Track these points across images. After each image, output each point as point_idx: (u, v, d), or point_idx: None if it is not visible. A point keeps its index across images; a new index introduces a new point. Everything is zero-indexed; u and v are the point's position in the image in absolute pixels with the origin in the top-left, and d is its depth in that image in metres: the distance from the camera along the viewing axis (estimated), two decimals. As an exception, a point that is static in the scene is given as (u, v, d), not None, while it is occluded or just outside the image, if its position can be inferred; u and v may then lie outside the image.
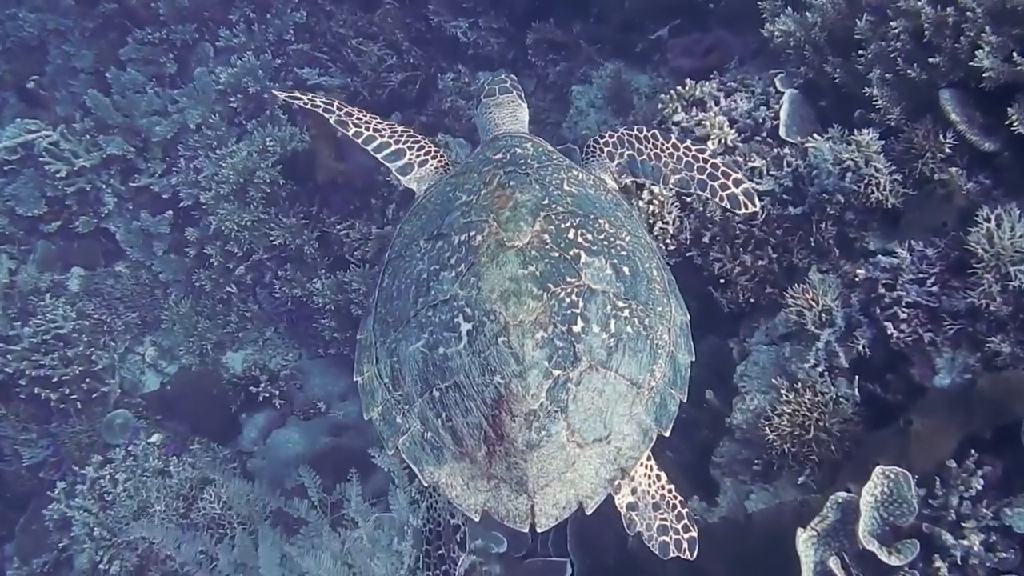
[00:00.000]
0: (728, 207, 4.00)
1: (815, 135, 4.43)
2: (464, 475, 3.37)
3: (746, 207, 3.98)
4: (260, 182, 7.41)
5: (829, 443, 3.96)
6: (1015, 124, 3.93)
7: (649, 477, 3.70)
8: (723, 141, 4.63)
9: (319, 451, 6.81)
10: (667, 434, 3.48)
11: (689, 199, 4.65)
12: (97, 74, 8.96)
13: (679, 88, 4.90)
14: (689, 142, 4.09)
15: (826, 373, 4.06)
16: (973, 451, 3.51)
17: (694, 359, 3.63)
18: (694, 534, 3.68)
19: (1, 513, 7.70)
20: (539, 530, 3.30)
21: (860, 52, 4.51)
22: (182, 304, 7.81)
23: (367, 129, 4.38)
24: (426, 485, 3.49)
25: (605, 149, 4.22)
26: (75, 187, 8.07)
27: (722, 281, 4.53)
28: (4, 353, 7.50)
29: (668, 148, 4.11)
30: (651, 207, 4.61)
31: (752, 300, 4.51)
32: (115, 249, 8.24)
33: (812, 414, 3.95)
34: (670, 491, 3.74)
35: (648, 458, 3.67)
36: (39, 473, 7.56)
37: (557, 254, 3.37)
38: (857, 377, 4.02)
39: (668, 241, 4.60)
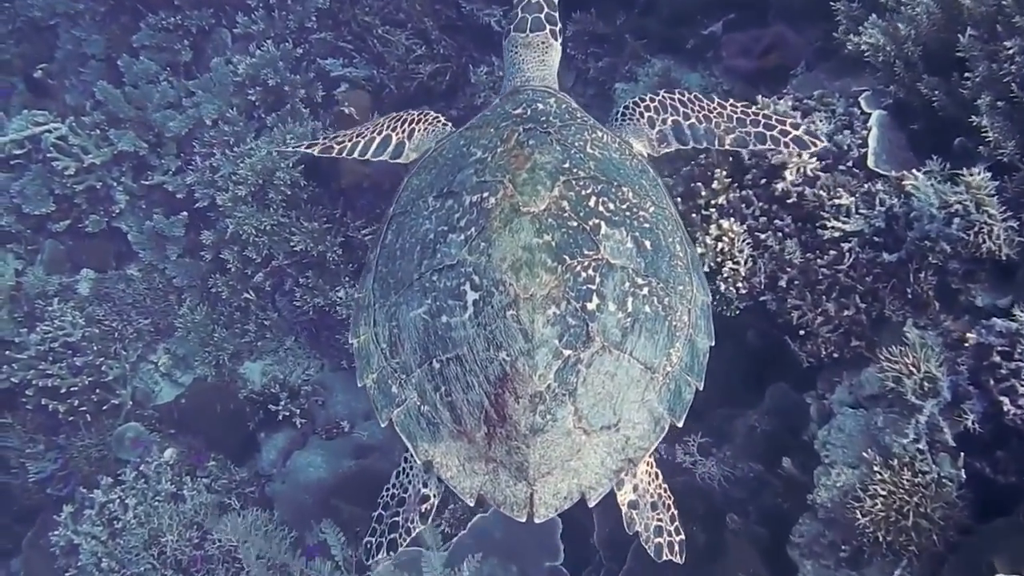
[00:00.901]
0: (797, 151, 3.91)
1: (913, 171, 3.88)
2: (461, 455, 3.24)
3: (814, 144, 3.90)
4: (280, 183, 6.92)
5: (930, 531, 3.45)
6: None
7: (649, 475, 3.55)
8: (802, 170, 4.10)
9: (343, 475, 6.40)
10: (680, 424, 3.35)
11: (763, 236, 4.13)
12: (109, 61, 8.45)
13: (751, 107, 4.34)
14: (731, 100, 3.94)
15: (927, 449, 3.55)
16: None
17: (713, 343, 3.49)
18: (683, 538, 3.58)
19: (7, 526, 7.30)
20: (536, 520, 3.15)
21: (965, 74, 3.96)
22: (197, 311, 7.35)
23: (349, 140, 4.29)
24: (420, 463, 3.34)
25: (646, 114, 4.01)
26: (84, 184, 7.59)
27: (801, 333, 4.01)
28: (10, 361, 7.08)
29: (716, 108, 3.95)
30: (720, 244, 4.10)
31: (836, 355, 4.00)
32: (127, 250, 7.78)
33: (911, 497, 3.45)
34: (665, 490, 3.61)
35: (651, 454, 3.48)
36: (46, 488, 7.16)
37: (576, 223, 3.22)
38: (963, 455, 3.51)
39: (739, 284, 4.09)
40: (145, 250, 7.56)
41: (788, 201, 4.11)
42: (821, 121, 4.31)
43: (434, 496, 3.55)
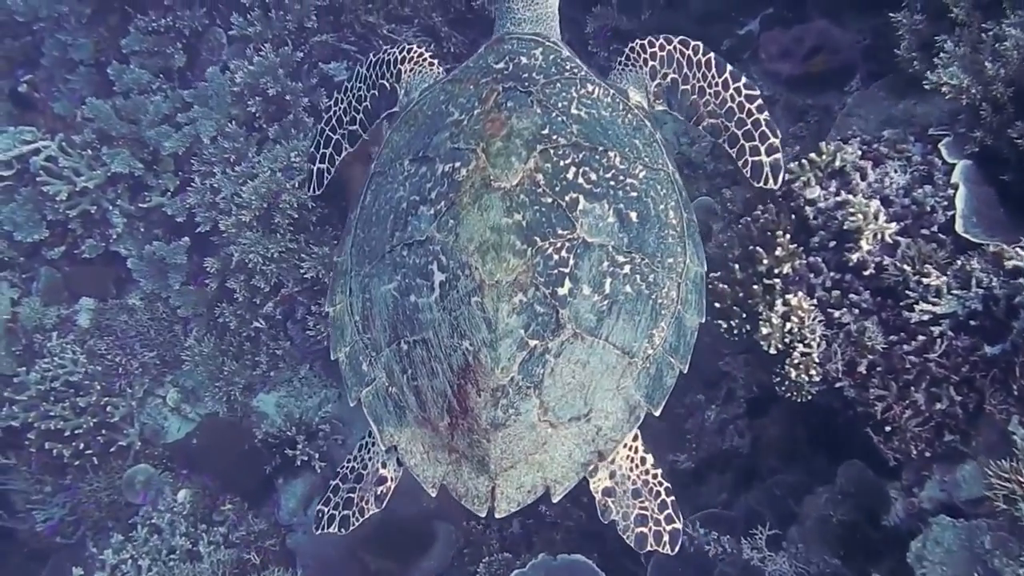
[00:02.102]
0: (748, 175, 3.59)
1: (1017, 248, 3.38)
2: (425, 443, 3.16)
3: (766, 181, 3.58)
4: (286, 206, 6.44)
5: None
6: None
7: (632, 460, 3.36)
8: (879, 236, 3.61)
9: (368, 524, 5.92)
10: (657, 413, 3.21)
11: (837, 313, 3.65)
12: (98, 66, 7.93)
13: (813, 156, 3.84)
14: (743, 83, 3.63)
15: (1044, 580, 3.11)
16: None
17: (704, 320, 3.33)
18: (678, 525, 3.35)
19: (21, 565, 6.96)
20: (498, 515, 3.07)
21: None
22: (205, 342, 6.90)
23: (349, 116, 4.15)
24: (384, 448, 3.26)
25: (650, 63, 3.71)
26: (78, 208, 7.10)
27: (887, 429, 3.55)
28: (10, 402, 6.68)
29: (716, 85, 3.62)
30: (788, 324, 3.62)
31: (927, 453, 3.53)
32: (127, 275, 7.32)
33: (1026, 636, 3.03)
34: (655, 476, 3.40)
35: (635, 438, 3.34)
36: (56, 537, 6.79)
37: (550, 200, 3.06)
38: (1087, 587, 3.08)
39: (812, 372, 3.62)
40: (146, 278, 7.09)
41: (865, 272, 3.61)
42: (896, 172, 3.79)
43: (391, 480, 3.44)
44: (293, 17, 7.30)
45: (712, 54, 3.65)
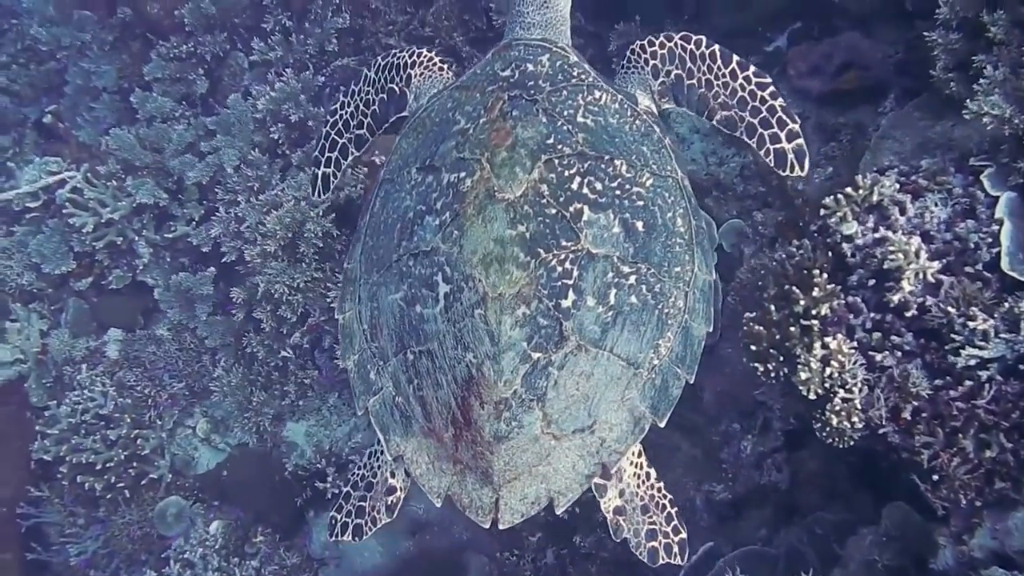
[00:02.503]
0: (772, 164, 3.44)
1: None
2: (431, 453, 3.15)
3: (792, 168, 3.43)
4: (311, 236, 6.37)
5: None
6: None
7: (638, 476, 3.38)
8: (921, 275, 3.48)
9: (402, 559, 5.98)
10: (662, 424, 3.18)
11: (879, 356, 3.52)
12: (121, 92, 7.92)
13: (849, 190, 3.71)
14: (752, 71, 3.49)
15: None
16: None
17: (711, 329, 3.30)
18: (684, 535, 3.40)
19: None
20: (501, 527, 3.05)
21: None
22: (233, 372, 6.85)
23: (364, 116, 4.07)
24: (391, 458, 3.26)
25: (651, 63, 3.63)
26: (105, 240, 7.08)
27: (935, 477, 3.42)
28: (42, 436, 6.68)
29: (724, 76, 3.50)
30: (828, 369, 3.50)
31: (977, 502, 3.40)
32: (154, 304, 7.29)
33: None
34: (659, 490, 3.44)
35: (639, 454, 3.36)
36: (90, 570, 6.78)
37: (554, 211, 3.04)
38: None
39: (855, 418, 3.50)
40: (173, 308, 7.05)
41: (907, 314, 3.48)
42: (936, 205, 3.65)
43: (401, 489, 3.49)
44: (314, 41, 7.24)
45: (716, 46, 3.56)
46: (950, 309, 3.38)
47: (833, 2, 5.59)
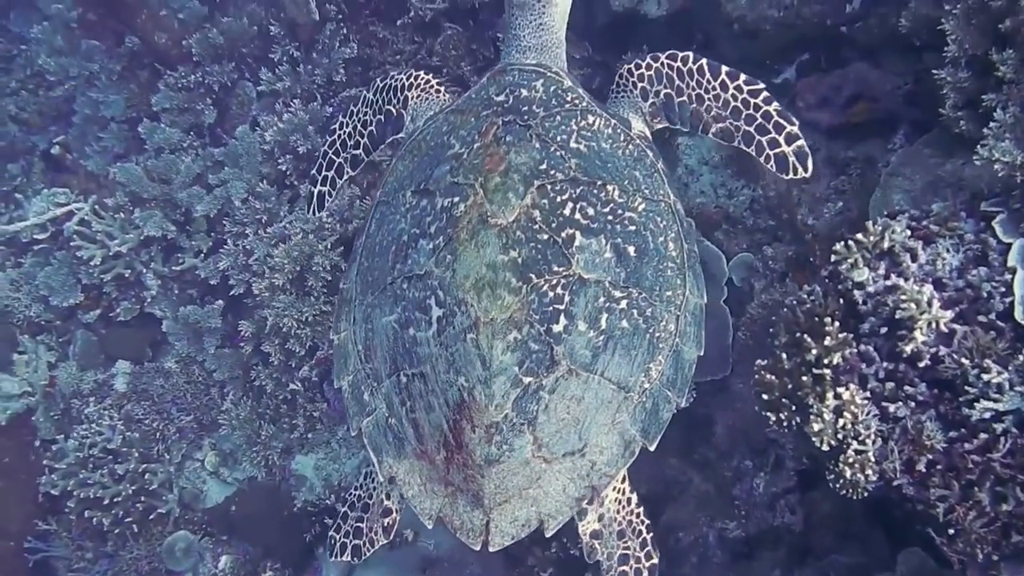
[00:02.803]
0: (775, 170, 3.46)
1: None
2: (423, 475, 3.16)
3: (795, 171, 3.45)
4: (319, 269, 6.36)
5: None
6: None
7: (619, 502, 3.38)
8: (934, 325, 3.43)
9: (412, 595, 5.89)
10: (652, 448, 3.19)
11: (892, 407, 3.47)
12: (130, 122, 7.92)
13: (860, 236, 3.66)
14: (742, 80, 3.53)
15: None
16: None
17: (702, 353, 3.34)
18: (656, 560, 3.40)
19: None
20: (491, 549, 3.06)
21: None
22: (241, 405, 6.83)
23: (353, 140, 4.12)
24: (383, 479, 3.28)
25: (639, 85, 3.64)
26: (113, 272, 7.08)
27: (951, 531, 3.37)
28: (50, 470, 6.67)
29: (714, 88, 3.53)
30: (841, 420, 3.45)
31: (995, 555, 3.35)
32: (162, 336, 7.27)
33: None
34: (638, 515, 3.45)
35: (623, 479, 3.35)
36: (99, 608, 6.76)
37: (546, 236, 3.06)
38: None
39: (868, 471, 3.45)
40: (181, 341, 7.03)
41: (920, 364, 3.44)
42: (948, 252, 3.61)
43: (396, 511, 3.51)
44: (321, 71, 7.23)
45: (704, 60, 3.56)
46: (964, 360, 3.33)
47: (841, 33, 5.55)
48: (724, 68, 3.55)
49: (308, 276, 6.41)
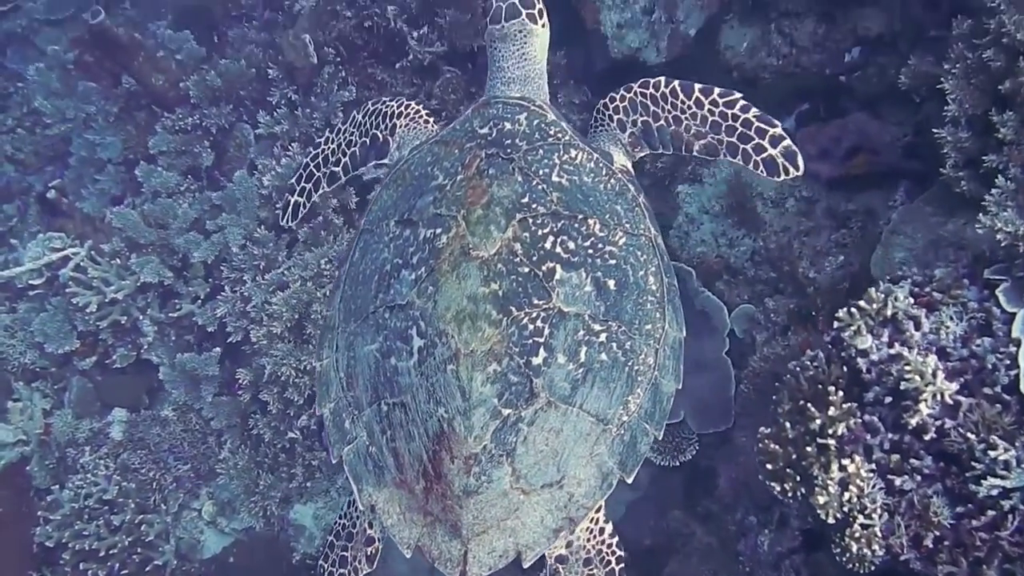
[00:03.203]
0: (765, 174, 3.44)
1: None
2: (402, 504, 3.17)
3: (786, 171, 3.43)
4: (318, 317, 6.32)
5: None
6: None
7: (591, 531, 3.37)
8: (939, 396, 3.39)
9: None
10: (630, 480, 3.22)
11: (898, 480, 3.42)
12: (127, 164, 7.89)
13: (862, 303, 3.63)
14: (717, 93, 3.48)
15: None
16: None
17: (680, 386, 3.33)
18: None
19: None
20: None
21: None
22: (239, 455, 6.77)
23: (336, 157, 4.17)
24: (362, 508, 3.29)
25: (615, 117, 3.66)
26: (109, 319, 7.02)
27: (959, 610, 3.32)
28: (44, 520, 6.60)
29: (690, 107, 3.51)
30: (847, 494, 3.41)
31: (1002, 634, 3.31)
32: (159, 383, 7.21)
33: None
34: (609, 546, 3.42)
35: (598, 509, 3.35)
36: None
37: (527, 269, 3.09)
38: None
39: (875, 546, 3.40)
40: (178, 388, 6.97)
41: (925, 437, 3.39)
42: (951, 320, 3.57)
43: (379, 540, 3.51)
44: (320, 114, 7.21)
45: (676, 82, 3.55)
46: (970, 435, 3.29)
47: (840, 82, 5.55)
48: (697, 86, 3.53)
49: (307, 324, 6.37)
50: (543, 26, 3.84)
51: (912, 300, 3.66)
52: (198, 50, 7.95)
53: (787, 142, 3.45)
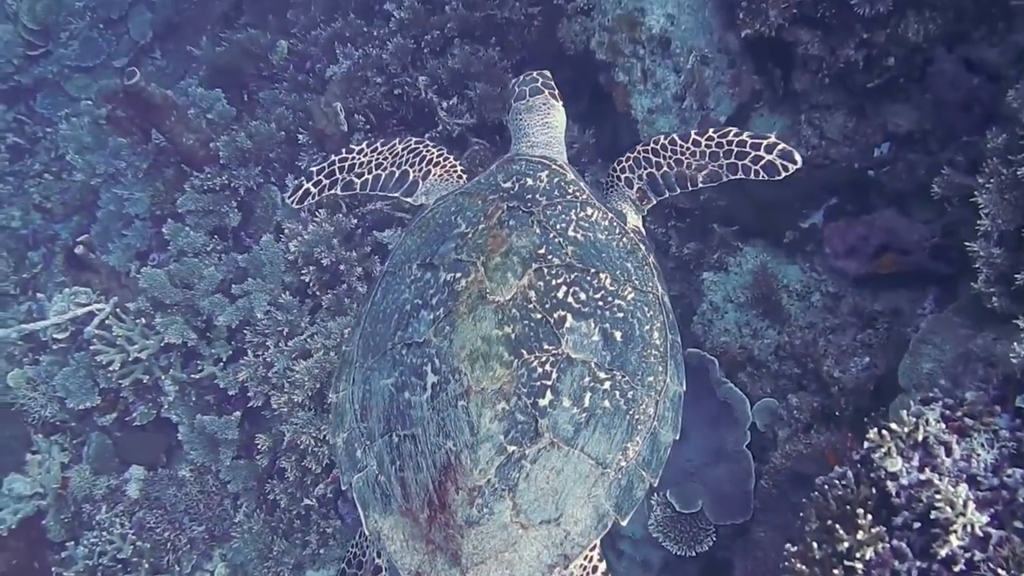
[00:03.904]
0: (766, 177, 3.56)
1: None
2: (406, 531, 3.21)
3: (785, 169, 3.55)
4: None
5: None
6: None
7: (585, 568, 3.40)
8: (969, 528, 3.40)
9: None
10: (624, 523, 3.27)
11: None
12: (153, 219, 7.98)
13: (893, 425, 3.65)
14: (711, 131, 3.65)
15: None
16: None
17: (677, 437, 3.41)
18: None
19: None
20: None
21: None
22: (254, 519, 6.79)
23: (366, 169, 4.13)
24: (367, 533, 3.34)
25: (623, 176, 3.86)
26: (131, 377, 7.08)
27: None
28: (58, 577, 6.62)
29: (688, 148, 3.70)
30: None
31: None
32: (178, 442, 7.24)
33: None
34: None
35: (593, 547, 3.37)
36: None
37: (539, 316, 3.20)
38: None
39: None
40: (196, 450, 7.00)
41: (955, 568, 3.40)
42: (982, 447, 3.59)
43: (385, 568, 3.49)
44: (348, 181, 7.25)
45: (674, 134, 3.73)
46: (1000, 572, 3.29)
47: (869, 177, 5.59)
48: (692, 132, 3.72)
49: (328, 393, 6.39)
50: (561, 105, 4.13)
51: (943, 425, 3.67)
52: (228, 110, 8.07)
53: (782, 145, 3.57)
